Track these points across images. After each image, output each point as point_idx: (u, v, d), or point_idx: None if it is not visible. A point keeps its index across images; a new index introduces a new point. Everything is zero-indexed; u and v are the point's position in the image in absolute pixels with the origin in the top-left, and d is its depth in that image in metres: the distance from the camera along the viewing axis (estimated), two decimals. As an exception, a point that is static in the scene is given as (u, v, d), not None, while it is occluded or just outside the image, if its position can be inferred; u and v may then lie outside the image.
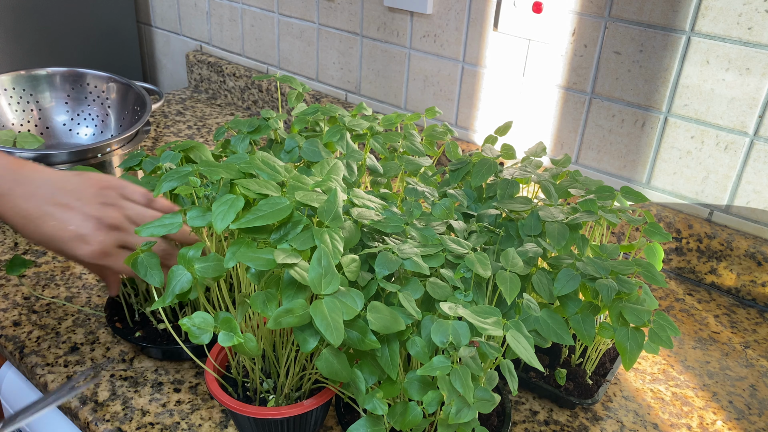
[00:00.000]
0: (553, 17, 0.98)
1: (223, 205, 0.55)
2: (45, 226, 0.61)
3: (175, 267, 0.57)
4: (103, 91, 1.22)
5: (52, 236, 0.61)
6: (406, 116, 0.87)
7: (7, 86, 1.15)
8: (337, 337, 0.49)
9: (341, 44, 1.26)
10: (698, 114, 0.90)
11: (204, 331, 0.55)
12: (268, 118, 0.83)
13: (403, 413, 0.55)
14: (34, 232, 0.61)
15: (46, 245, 0.62)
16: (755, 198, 0.90)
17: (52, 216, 0.61)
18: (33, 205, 0.61)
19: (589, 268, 0.64)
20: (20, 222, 0.61)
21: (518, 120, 1.08)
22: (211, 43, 1.53)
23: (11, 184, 0.61)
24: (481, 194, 0.79)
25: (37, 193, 0.61)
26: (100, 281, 0.88)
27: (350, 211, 0.62)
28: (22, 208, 0.61)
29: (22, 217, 0.61)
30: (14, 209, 0.61)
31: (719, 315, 0.89)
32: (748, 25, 0.83)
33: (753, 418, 0.73)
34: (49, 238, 0.61)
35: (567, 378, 0.72)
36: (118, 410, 0.68)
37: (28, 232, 0.62)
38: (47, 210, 0.61)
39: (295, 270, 0.52)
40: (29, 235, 0.62)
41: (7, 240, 0.96)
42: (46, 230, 0.61)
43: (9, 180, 0.60)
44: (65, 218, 0.61)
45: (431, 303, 0.61)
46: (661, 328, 0.64)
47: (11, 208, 0.61)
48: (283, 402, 0.63)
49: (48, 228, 0.61)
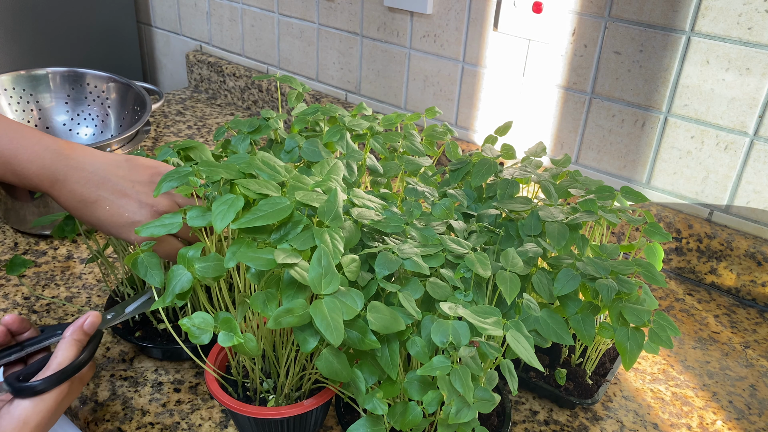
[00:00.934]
0: (553, 17, 0.98)
1: (223, 205, 0.55)
2: (100, 210, 0.63)
3: (175, 267, 0.57)
4: (103, 91, 1.22)
5: (107, 221, 0.63)
6: (406, 116, 0.87)
7: (7, 86, 1.15)
8: (337, 337, 0.49)
9: (341, 44, 1.27)
10: (698, 114, 0.90)
11: (204, 331, 0.55)
12: (268, 118, 0.83)
13: (403, 413, 0.55)
14: (90, 217, 0.63)
15: (100, 228, 0.64)
16: (755, 198, 0.90)
17: (107, 200, 0.62)
18: (88, 191, 0.62)
19: (589, 268, 0.64)
20: (76, 206, 0.63)
21: (518, 120, 1.08)
22: (211, 43, 1.53)
23: (66, 170, 0.62)
24: (481, 194, 0.79)
25: (92, 178, 0.62)
26: (100, 281, 0.88)
27: (350, 211, 0.62)
28: (78, 193, 0.62)
29: (78, 202, 0.62)
30: (71, 194, 0.62)
31: (719, 315, 0.89)
32: (748, 25, 0.83)
33: (753, 418, 0.73)
34: (104, 223, 0.63)
35: (567, 378, 0.72)
36: (118, 410, 0.68)
37: (83, 216, 0.63)
38: (102, 195, 0.62)
39: (295, 270, 0.52)
40: (84, 219, 0.64)
41: (7, 240, 0.96)
42: (101, 215, 0.63)
43: (63, 166, 0.62)
44: (121, 204, 0.62)
45: (431, 303, 0.60)
46: (661, 328, 0.64)
47: (68, 193, 0.62)
48: (283, 402, 0.63)
49: (103, 213, 0.63)
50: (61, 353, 0.57)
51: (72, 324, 0.60)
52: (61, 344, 0.58)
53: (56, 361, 0.56)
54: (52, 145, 0.62)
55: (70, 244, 0.96)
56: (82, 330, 0.60)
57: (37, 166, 0.61)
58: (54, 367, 0.56)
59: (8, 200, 0.95)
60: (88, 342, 0.60)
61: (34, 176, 0.62)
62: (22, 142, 0.61)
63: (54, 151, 0.62)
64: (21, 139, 0.61)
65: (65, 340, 0.58)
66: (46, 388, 0.55)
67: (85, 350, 0.59)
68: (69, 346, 0.58)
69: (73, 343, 0.58)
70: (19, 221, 0.96)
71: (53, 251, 0.94)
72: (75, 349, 0.58)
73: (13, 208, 0.95)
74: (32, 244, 0.95)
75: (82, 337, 0.59)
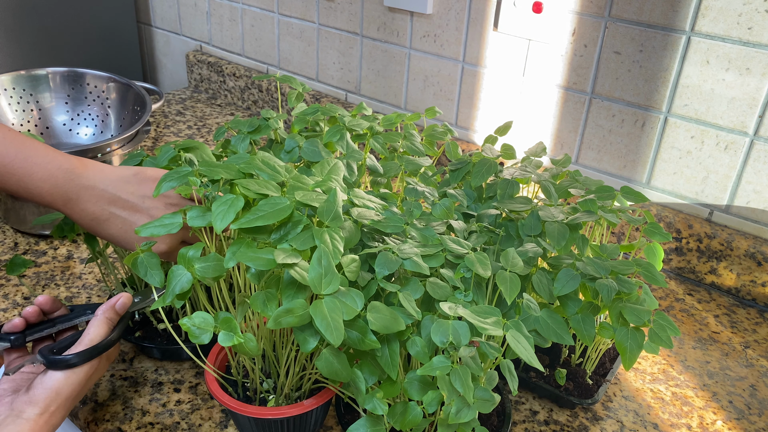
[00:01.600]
0: (553, 17, 0.98)
1: (222, 205, 0.55)
2: (112, 227, 0.65)
3: (175, 267, 0.57)
4: (103, 91, 1.22)
5: (120, 237, 0.65)
6: (406, 116, 0.87)
7: (7, 86, 1.15)
8: (337, 337, 0.49)
9: (341, 44, 1.26)
10: (698, 114, 0.90)
11: (204, 331, 0.55)
12: (268, 118, 0.83)
13: (403, 413, 0.55)
14: (104, 233, 0.65)
15: (114, 243, 0.66)
16: (755, 198, 0.90)
17: (119, 218, 0.64)
18: (100, 209, 0.64)
19: (589, 268, 0.64)
20: (89, 224, 0.65)
21: (518, 120, 1.08)
22: (211, 43, 1.53)
23: (78, 189, 0.64)
24: (481, 194, 0.79)
25: (103, 195, 0.64)
26: (100, 281, 0.88)
27: (350, 211, 0.62)
28: (90, 212, 0.64)
29: (91, 220, 0.64)
30: (83, 212, 0.64)
31: (719, 315, 0.89)
32: (748, 25, 0.83)
33: (753, 418, 0.73)
34: (118, 239, 0.65)
35: (567, 378, 0.72)
36: (118, 410, 0.68)
37: (97, 233, 0.66)
38: (114, 212, 0.64)
39: (295, 270, 0.52)
40: (99, 235, 0.66)
41: (7, 240, 0.96)
42: (113, 231, 0.65)
43: (75, 185, 0.63)
44: (132, 220, 0.64)
45: (431, 303, 0.60)
46: (661, 328, 0.64)
47: (80, 211, 0.64)
48: (283, 402, 0.63)
49: (115, 230, 0.65)
50: (93, 330, 0.60)
51: (104, 303, 0.62)
52: (93, 321, 0.60)
53: (88, 337, 0.59)
54: (64, 163, 0.64)
55: (70, 244, 0.96)
56: (114, 309, 0.62)
57: (50, 185, 0.63)
58: (86, 342, 0.59)
59: (8, 200, 0.95)
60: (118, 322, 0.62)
61: (47, 194, 0.63)
62: (36, 160, 0.62)
63: (66, 170, 0.63)
64: (35, 157, 0.63)
65: (97, 317, 0.61)
66: (78, 362, 0.57)
67: (116, 329, 0.61)
68: (101, 323, 0.60)
69: (105, 321, 0.61)
70: (19, 221, 0.96)
71: (53, 251, 0.94)
72: (106, 327, 0.61)
73: (13, 208, 0.95)
74: (32, 244, 0.95)
75: (114, 316, 0.62)
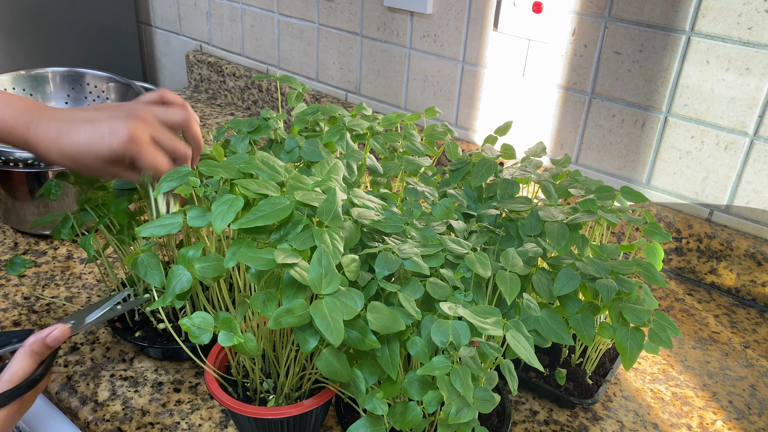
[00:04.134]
0: (553, 17, 0.98)
1: (222, 205, 0.55)
2: (76, 133, 0.61)
3: (175, 267, 0.57)
4: (103, 91, 1.22)
5: (85, 140, 0.61)
6: (406, 116, 0.87)
7: (7, 86, 1.15)
8: (337, 337, 0.49)
9: (341, 44, 1.26)
10: (698, 114, 0.90)
11: (204, 331, 0.55)
12: (268, 118, 0.83)
13: (403, 413, 0.55)
14: (70, 146, 0.61)
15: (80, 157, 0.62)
16: (755, 198, 0.90)
17: (81, 123, 0.61)
18: (63, 120, 0.61)
19: (589, 268, 0.64)
20: (54, 140, 0.61)
21: (518, 120, 1.08)
22: (211, 43, 1.53)
23: (38, 112, 0.62)
24: (481, 194, 0.79)
25: (64, 113, 0.62)
26: (100, 281, 0.88)
27: (350, 211, 0.62)
28: (52, 127, 0.61)
29: (55, 133, 0.61)
30: (44, 131, 0.61)
31: (719, 315, 0.89)
32: (748, 25, 0.83)
33: (753, 418, 0.73)
34: (83, 144, 0.61)
35: (567, 378, 0.72)
36: (118, 410, 0.68)
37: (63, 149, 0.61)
38: (77, 119, 0.62)
39: (295, 270, 0.52)
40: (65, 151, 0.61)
41: (7, 240, 0.96)
42: (78, 138, 0.61)
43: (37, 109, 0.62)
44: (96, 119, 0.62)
45: (431, 303, 0.60)
46: (661, 328, 0.64)
47: (41, 132, 0.61)
48: (283, 402, 0.63)
49: (80, 134, 0.61)
50: (15, 364, 0.53)
51: (35, 334, 0.56)
52: (18, 354, 0.54)
53: (9, 372, 0.53)
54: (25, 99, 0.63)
55: (70, 244, 0.96)
56: (44, 343, 0.55)
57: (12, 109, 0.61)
58: (6, 379, 0.53)
59: (8, 200, 0.95)
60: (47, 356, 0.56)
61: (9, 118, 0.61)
62: None
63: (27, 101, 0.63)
64: None
65: (23, 350, 0.54)
66: None
67: (43, 364, 0.55)
68: (26, 357, 0.54)
69: (31, 354, 0.55)
70: (19, 221, 0.96)
71: (53, 251, 0.94)
72: (32, 361, 0.54)
73: (13, 208, 0.95)
74: (32, 244, 0.95)
75: (43, 350, 0.55)
